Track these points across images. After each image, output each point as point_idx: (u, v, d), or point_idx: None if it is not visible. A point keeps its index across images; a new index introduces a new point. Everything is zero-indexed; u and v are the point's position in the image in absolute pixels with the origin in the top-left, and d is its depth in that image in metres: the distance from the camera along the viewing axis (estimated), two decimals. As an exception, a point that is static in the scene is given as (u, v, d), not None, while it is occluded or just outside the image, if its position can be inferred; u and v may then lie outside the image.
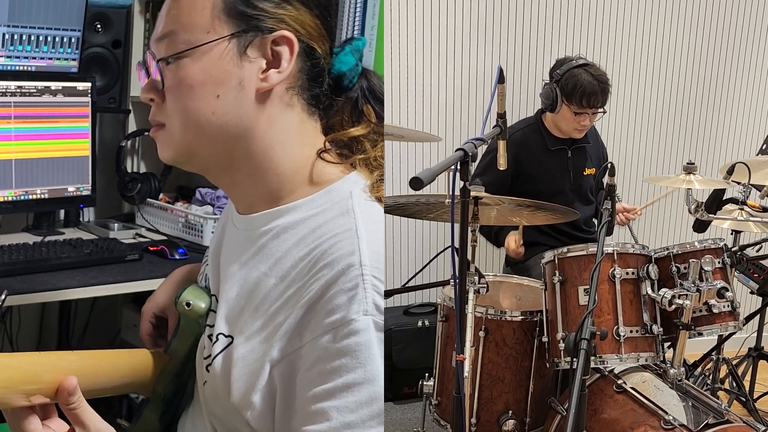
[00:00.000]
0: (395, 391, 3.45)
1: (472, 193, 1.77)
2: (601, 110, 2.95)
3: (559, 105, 2.93)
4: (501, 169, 2.02)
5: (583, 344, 1.70)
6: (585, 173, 3.16)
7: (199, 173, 1.35)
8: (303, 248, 1.24)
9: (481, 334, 2.33)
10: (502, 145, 1.99)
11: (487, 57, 3.54)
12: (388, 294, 2.55)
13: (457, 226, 1.75)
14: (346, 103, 1.37)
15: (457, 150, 1.68)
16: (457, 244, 1.78)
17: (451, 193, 1.68)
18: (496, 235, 3.05)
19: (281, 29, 1.26)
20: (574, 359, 1.70)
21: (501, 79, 1.93)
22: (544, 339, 2.31)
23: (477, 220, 2.17)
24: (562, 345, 2.21)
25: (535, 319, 2.36)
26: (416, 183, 1.51)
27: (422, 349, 3.32)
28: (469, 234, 1.91)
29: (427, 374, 2.45)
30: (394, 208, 2.41)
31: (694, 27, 3.84)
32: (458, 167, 1.68)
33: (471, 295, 1.98)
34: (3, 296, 1.12)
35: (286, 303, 1.23)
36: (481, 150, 1.79)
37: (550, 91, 2.93)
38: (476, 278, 2.01)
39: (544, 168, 3.05)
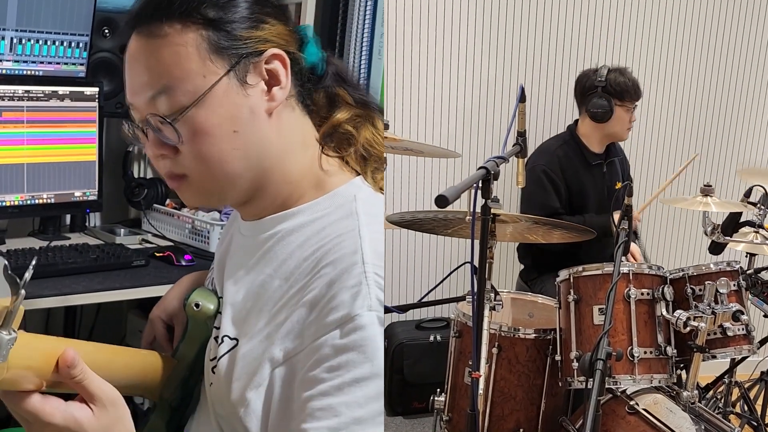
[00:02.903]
0: (405, 406, 3.41)
1: (492, 211, 1.77)
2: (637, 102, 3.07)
3: (613, 109, 2.98)
4: (519, 186, 2.03)
5: (598, 365, 1.68)
6: (617, 188, 3.15)
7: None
8: (307, 249, 1.26)
9: (494, 350, 2.30)
10: (520, 163, 2.00)
11: (505, 72, 3.54)
12: (404, 309, 2.53)
13: (476, 242, 1.75)
14: (322, 93, 1.39)
15: (479, 168, 1.69)
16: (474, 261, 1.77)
17: (472, 210, 1.69)
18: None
19: (268, 48, 1.27)
20: (589, 379, 1.69)
21: (522, 98, 1.94)
22: (557, 357, 2.28)
23: (494, 237, 2.16)
24: (575, 364, 2.18)
25: (549, 337, 2.33)
26: (442, 201, 1.52)
27: (433, 364, 3.28)
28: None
29: (438, 389, 2.41)
30: (412, 223, 2.41)
31: (712, 43, 3.82)
32: (480, 185, 1.68)
33: (486, 312, 1.97)
34: (33, 262, 1.11)
35: (288, 302, 1.24)
36: (503, 168, 1.79)
37: (604, 101, 2.97)
38: (492, 295, 2.01)
39: (585, 184, 3.07)
